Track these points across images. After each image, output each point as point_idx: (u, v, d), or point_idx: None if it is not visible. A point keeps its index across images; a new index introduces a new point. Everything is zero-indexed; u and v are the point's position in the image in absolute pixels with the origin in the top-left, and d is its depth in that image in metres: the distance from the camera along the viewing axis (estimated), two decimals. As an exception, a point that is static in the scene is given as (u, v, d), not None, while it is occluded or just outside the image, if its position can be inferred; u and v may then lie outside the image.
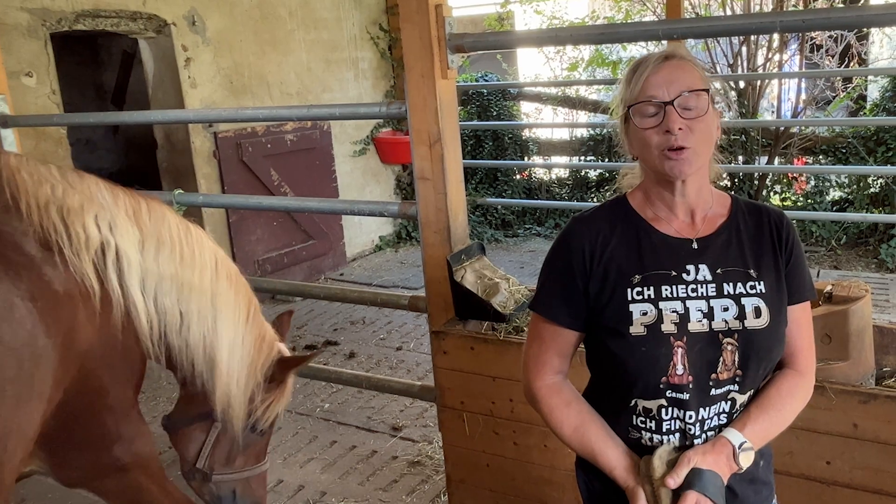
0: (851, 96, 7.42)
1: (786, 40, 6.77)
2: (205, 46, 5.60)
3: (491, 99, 7.91)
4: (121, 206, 1.74)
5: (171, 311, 1.81)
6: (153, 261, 1.75)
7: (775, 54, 6.75)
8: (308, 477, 3.38)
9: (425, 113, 2.42)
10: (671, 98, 1.31)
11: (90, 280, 1.64)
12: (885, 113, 6.06)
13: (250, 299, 2.05)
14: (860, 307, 2.06)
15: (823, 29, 6.22)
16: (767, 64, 6.76)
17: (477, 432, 2.49)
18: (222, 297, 1.89)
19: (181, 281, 1.80)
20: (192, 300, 1.83)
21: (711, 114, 1.35)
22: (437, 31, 2.35)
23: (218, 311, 1.88)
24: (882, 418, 1.83)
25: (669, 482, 1.28)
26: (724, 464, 1.31)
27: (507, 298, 2.54)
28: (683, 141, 1.31)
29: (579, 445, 1.41)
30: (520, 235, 7.60)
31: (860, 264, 5.95)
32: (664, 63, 1.34)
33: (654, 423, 1.36)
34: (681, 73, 1.33)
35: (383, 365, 4.60)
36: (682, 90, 1.31)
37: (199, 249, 1.86)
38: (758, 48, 6.74)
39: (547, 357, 1.46)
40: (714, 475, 1.29)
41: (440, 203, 2.50)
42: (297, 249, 6.38)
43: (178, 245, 1.81)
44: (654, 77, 1.33)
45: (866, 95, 7.75)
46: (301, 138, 6.36)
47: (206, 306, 1.86)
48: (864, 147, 6.18)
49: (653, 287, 1.35)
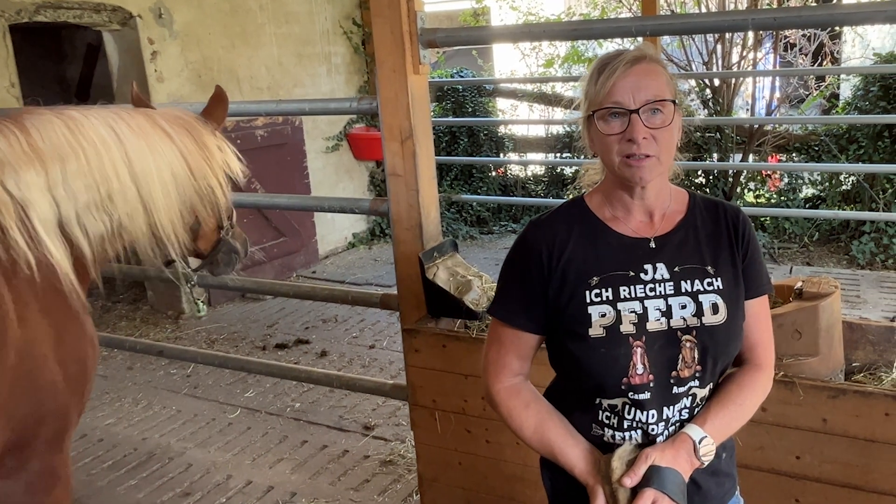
0: (824, 95, 7.56)
1: (760, 39, 6.87)
2: (172, 40, 5.53)
3: (466, 95, 7.91)
4: (14, 146, 1.60)
5: (102, 223, 1.72)
6: (63, 191, 1.64)
7: (750, 52, 6.85)
8: (278, 477, 3.36)
9: (397, 108, 2.41)
10: (637, 106, 1.30)
11: (23, 252, 1.54)
12: (856, 111, 6.17)
13: (168, 135, 1.88)
14: (830, 303, 2.09)
15: (795, 27, 6.32)
16: (742, 62, 6.86)
17: (449, 430, 2.50)
18: (141, 174, 1.76)
19: (97, 190, 1.69)
20: (116, 199, 1.73)
21: (675, 121, 1.35)
22: (409, 25, 2.35)
23: (141, 188, 1.76)
24: (851, 413, 1.86)
25: (626, 481, 1.29)
26: (685, 460, 1.32)
27: (480, 296, 2.54)
28: (647, 149, 1.31)
29: (540, 445, 1.42)
30: (495, 232, 7.62)
31: (832, 261, 6.06)
32: (633, 67, 1.33)
33: (617, 420, 1.37)
34: (648, 80, 1.32)
35: (355, 363, 4.59)
36: (648, 98, 1.31)
37: (97, 138, 1.71)
38: (732, 46, 6.83)
39: (506, 360, 1.47)
40: (673, 472, 1.30)
41: (412, 200, 2.49)
42: (268, 247, 6.33)
43: (79, 152, 1.67)
44: (622, 82, 1.32)
45: (839, 94, 7.90)
46: (272, 134, 6.31)
47: (132, 195, 1.74)
48: (836, 145, 6.29)
49: (611, 288, 1.36)
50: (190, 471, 3.47)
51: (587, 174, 1.55)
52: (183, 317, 5.58)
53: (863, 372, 2.19)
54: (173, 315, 5.62)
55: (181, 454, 3.62)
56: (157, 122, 1.87)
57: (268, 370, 3.37)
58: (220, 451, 3.64)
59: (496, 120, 8.17)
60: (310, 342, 4.95)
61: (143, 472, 3.48)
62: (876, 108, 5.93)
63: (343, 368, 4.50)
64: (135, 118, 1.83)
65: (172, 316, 5.61)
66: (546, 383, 1.55)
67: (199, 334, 5.23)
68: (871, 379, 2.15)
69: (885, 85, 5.90)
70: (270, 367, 3.38)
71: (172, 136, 1.88)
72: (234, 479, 3.38)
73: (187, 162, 1.91)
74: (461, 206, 7.85)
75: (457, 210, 7.84)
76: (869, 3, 3.30)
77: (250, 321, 5.44)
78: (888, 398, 1.82)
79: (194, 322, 5.48)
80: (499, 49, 10.04)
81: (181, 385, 4.43)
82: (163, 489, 3.32)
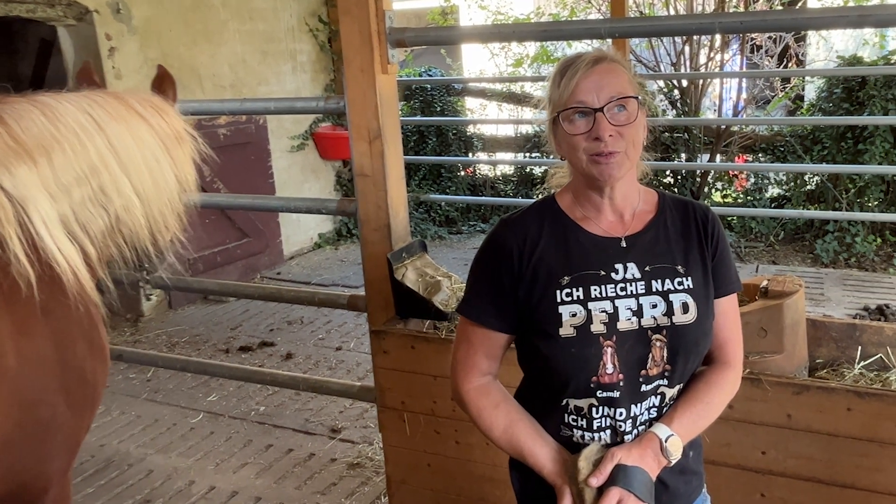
0: (789, 96, 7.75)
1: (727, 41, 7.02)
2: (131, 36, 5.44)
3: (435, 94, 7.93)
4: None
5: (100, 218, 1.58)
6: (56, 186, 1.49)
7: (717, 54, 6.99)
8: (242, 482, 3.34)
9: (364, 108, 2.42)
10: (601, 105, 1.33)
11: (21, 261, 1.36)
12: (820, 113, 6.33)
13: (146, 119, 1.77)
14: (794, 301, 2.15)
15: (760, 31, 6.47)
16: (709, 63, 6.99)
17: (418, 432, 2.50)
18: (129, 163, 1.63)
19: (89, 183, 1.55)
20: (109, 192, 1.59)
21: (640, 118, 1.37)
22: (377, 24, 2.35)
23: (132, 178, 1.64)
24: (814, 408, 1.91)
25: (592, 481, 1.31)
26: (652, 459, 1.34)
27: (449, 296, 2.55)
28: (613, 146, 1.33)
29: (509, 446, 1.43)
30: (464, 232, 7.65)
31: (797, 259, 6.21)
32: (594, 67, 1.35)
33: (586, 421, 1.39)
34: (610, 78, 1.34)
35: (322, 366, 4.57)
36: (612, 96, 1.33)
37: (76, 126, 1.56)
38: (700, 48, 6.96)
39: (475, 359, 1.47)
40: (640, 471, 1.31)
41: (380, 200, 2.50)
42: (232, 248, 6.27)
43: (62, 142, 1.52)
44: (585, 82, 1.34)
45: (803, 96, 8.10)
46: (235, 133, 6.25)
47: (124, 186, 1.62)
48: (801, 146, 6.45)
49: (581, 288, 1.37)
50: (150, 477, 3.42)
51: (555, 177, 1.57)
52: (142, 319, 5.49)
53: (826, 368, 2.26)
54: (132, 318, 5.53)
55: (141, 460, 3.57)
56: (130, 104, 1.75)
57: (231, 373, 3.33)
58: (181, 456, 3.60)
59: (465, 119, 8.20)
60: (275, 344, 4.92)
61: (101, 479, 3.42)
62: (839, 110, 6.09)
63: (309, 371, 4.48)
64: (109, 102, 1.70)
65: (131, 319, 5.52)
66: (514, 383, 1.56)
67: (160, 337, 5.16)
68: (833, 375, 2.22)
69: (848, 87, 6.07)
70: (234, 371, 3.35)
71: (149, 119, 1.77)
72: (196, 484, 3.34)
73: (166, 147, 1.83)
74: (430, 206, 7.86)
75: (425, 210, 7.85)
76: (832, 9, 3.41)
77: (213, 323, 5.38)
78: (850, 394, 1.88)
79: (154, 325, 5.40)
80: (468, 48, 10.07)
81: (140, 390, 4.36)
82: (122, 496, 3.27)
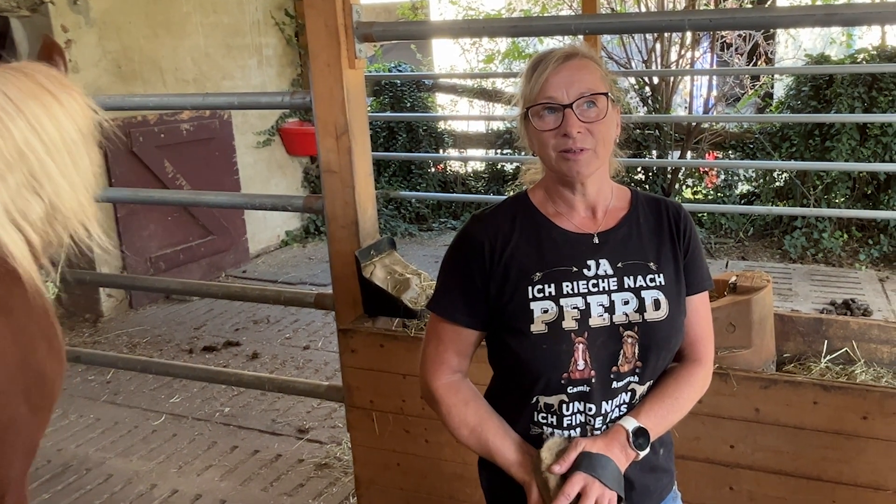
0: (759, 94, 7.90)
1: (698, 38, 7.13)
2: (88, 28, 5.34)
3: (405, 90, 7.92)
4: None
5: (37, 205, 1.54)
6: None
7: (688, 51, 7.10)
8: (206, 485, 3.30)
9: (331, 103, 2.40)
10: (570, 101, 1.33)
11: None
12: (789, 110, 6.46)
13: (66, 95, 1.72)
14: (762, 297, 2.20)
15: (729, 28, 6.59)
16: (680, 61, 7.09)
17: (387, 431, 2.50)
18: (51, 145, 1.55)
19: (20, 169, 1.48)
20: (40, 177, 1.53)
21: (611, 114, 1.37)
22: (344, 18, 2.34)
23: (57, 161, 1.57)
24: (782, 402, 1.96)
25: (555, 468, 1.32)
26: (619, 449, 1.35)
27: (419, 294, 2.55)
28: (582, 143, 1.33)
29: (477, 445, 1.43)
30: (434, 229, 7.66)
31: (766, 255, 6.34)
32: (565, 63, 1.35)
33: (556, 418, 1.39)
34: (581, 74, 1.35)
35: (289, 365, 4.54)
36: (582, 92, 1.33)
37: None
38: (671, 45, 7.06)
39: (445, 356, 1.47)
40: (604, 458, 1.32)
41: (348, 197, 2.49)
42: (195, 246, 6.20)
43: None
44: (555, 77, 1.34)
45: (772, 93, 8.26)
46: (198, 128, 6.17)
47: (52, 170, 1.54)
48: (769, 143, 6.58)
49: (553, 284, 1.38)
50: (110, 482, 3.37)
51: (528, 173, 1.57)
52: (102, 320, 5.40)
53: (793, 362, 2.31)
54: (91, 318, 5.44)
55: (100, 464, 3.51)
56: (38, 81, 1.61)
57: (194, 374, 3.30)
58: (143, 459, 3.55)
59: (435, 115, 8.20)
60: (240, 344, 4.87)
61: (58, 484, 3.36)
62: (807, 108, 6.22)
63: (276, 371, 4.45)
64: (18, 78, 1.57)
65: (90, 319, 5.43)
66: (483, 380, 1.57)
67: (120, 338, 5.08)
68: (800, 369, 2.27)
69: (815, 85, 6.20)
70: (197, 371, 3.31)
71: (58, 96, 1.70)
72: (158, 488, 3.30)
73: (78, 126, 1.75)
74: (399, 203, 7.85)
75: (395, 207, 7.84)
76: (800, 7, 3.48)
77: (175, 323, 5.31)
78: (816, 387, 1.92)
79: (114, 325, 5.31)
80: (438, 43, 10.08)
81: (100, 392, 4.29)
82: (80, 502, 3.21)
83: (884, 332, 2.29)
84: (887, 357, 2.27)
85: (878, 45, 6.29)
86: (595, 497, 1.29)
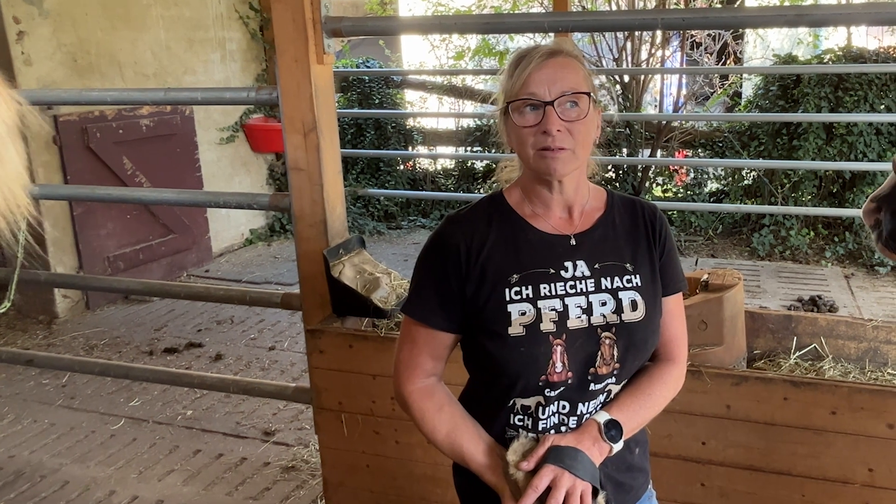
0: (728, 93, 8.05)
1: (668, 37, 7.23)
2: (42, 19, 5.22)
3: (373, 86, 7.89)
4: None
5: None
6: None
7: (658, 50, 7.19)
8: (168, 490, 3.25)
9: (299, 100, 2.39)
10: (552, 98, 1.33)
11: None
12: (757, 109, 6.59)
13: None
14: (733, 294, 2.24)
15: (701, 28, 6.72)
16: (651, 59, 7.19)
17: (356, 433, 2.49)
18: None
19: None
20: None
21: (592, 115, 1.38)
22: (312, 13, 2.33)
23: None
24: (752, 398, 2.00)
25: (523, 465, 1.32)
26: (590, 442, 1.36)
27: (389, 293, 2.55)
28: (561, 142, 1.33)
29: (451, 450, 1.43)
30: (403, 227, 7.65)
31: (735, 252, 6.47)
32: (549, 59, 1.35)
33: (532, 420, 1.40)
34: (565, 73, 1.35)
35: (254, 366, 4.50)
36: (564, 91, 1.33)
37: None
38: (642, 44, 7.16)
39: (420, 360, 1.46)
40: (574, 450, 1.33)
41: (316, 195, 2.47)
42: (156, 245, 6.11)
43: None
44: (537, 74, 1.34)
45: (741, 93, 8.42)
46: (159, 124, 6.08)
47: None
48: (738, 141, 6.70)
49: (531, 286, 1.38)
50: (66, 489, 3.30)
51: (504, 170, 1.57)
52: (57, 321, 5.29)
53: (763, 359, 2.36)
54: (45, 320, 5.32)
55: (56, 471, 3.44)
56: None
57: (155, 377, 3.25)
58: (101, 465, 3.48)
59: (404, 112, 8.19)
60: (203, 345, 4.81)
61: (10, 492, 3.28)
62: (775, 107, 6.36)
63: (240, 372, 4.40)
64: None
65: (44, 321, 5.31)
66: (458, 381, 1.57)
67: (76, 340, 4.98)
68: (770, 365, 2.32)
69: (783, 85, 6.33)
70: (157, 374, 3.27)
71: None
72: (117, 494, 3.24)
73: (2, 118, 1.71)
74: (368, 201, 7.83)
75: (363, 205, 7.81)
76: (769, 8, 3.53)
77: (135, 325, 5.22)
78: (786, 383, 1.96)
79: (70, 327, 5.21)
80: (407, 39, 10.06)
81: (55, 396, 4.20)
82: (35, 511, 3.15)
83: (851, 329, 2.34)
84: (854, 353, 2.33)
85: (843, 46, 6.45)
86: (566, 488, 1.29)
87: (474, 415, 1.45)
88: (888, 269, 5.71)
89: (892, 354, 2.32)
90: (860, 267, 5.90)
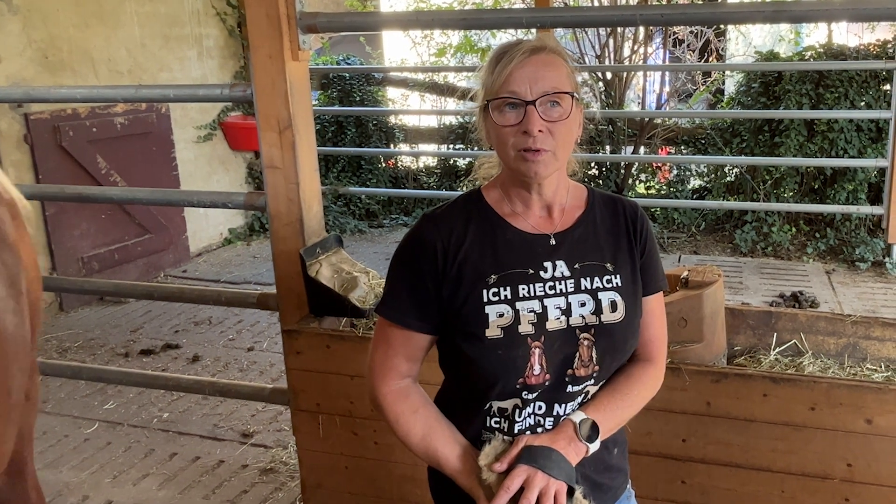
0: (710, 90, 8.11)
1: (650, 34, 7.27)
2: (11, 15, 5.15)
3: (354, 83, 7.87)
4: None
5: None
6: None
7: (641, 47, 7.23)
8: (143, 495, 3.22)
9: (274, 97, 2.37)
10: (534, 98, 1.29)
11: None
12: (739, 106, 6.65)
13: None
14: (713, 291, 2.25)
15: (681, 24, 6.76)
16: (633, 56, 7.22)
17: (334, 434, 2.48)
18: None
19: None
20: None
21: (574, 114, 1.34)
22: (287, 8, 2.31)
23: None
24: (732, 395, 2.01)
25: (496, 466, 1.30)
26: (565, 442, 1.34)
27: (367, 292, 2.54)
28: (542, 143, 1.30)
29: (425, 454, 1.41)
30: (385, 226, 7.63)
31: (717, 249, 6.52)
32: (531, 56, 1.31)
33: (508, 423, 1.38)
34: (547, 71, 1.31)
35: (232, 368, 4.46)
36: (546, 90, 1.30)
37: None
38: (624, 41, 7.19)
39: (395, 362, 1.44)
40: (548, 449, 1.31)
41: (292, 194, 2.46)
42: (131, 245, 6.05)
43: None
44: (519, 71, 1.30)
45: (724, 89, 8.48)
46: (134, 122, 6.02)
47: None
48: (721, 138, 6.75)
49: (509, 287, 1.35)
50: (40, 495, 3.26)
51: (483, 167, 1.55)
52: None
53: (744, 355, 2.38)
54: (19, 323, 5.25)
55: (29, 477, 3.39)
56: None
57: (130, 379, 3.22)
58: (74, 470, 3.44)
59: (385, 110, 8.17)
60: (180, 347, 4.77)
61: (-16, 499, 3.23)
62: (757, 104, 6.41)
63: (218, 374, 4.37)
64: None
65: (18, 324, 5.24)
66: (433, 380, 1.56)
67: (49, 342, 4.91)
68: (750, 362, 2.33)
69: (765, 82, 6.39)
70: (132, 376, 3.23)
71: None
72: (91, 499, 3.20)
73: None
74: (349, 199, 7.80)
75: (344, 203, 7.78)
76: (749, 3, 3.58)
77: (110, 326, 5.17)
78: (766, 380, 1.98)
79: (43, 329, 5.14)
80: (388, 36, 10.05)
81: (29, 400, 4.14)
82: (7, 517, 3.10)
83: (830, 324, 2.37)
84: (834, 348, 2.35)
85: (824, 44, 6.51)
86: (539, 488, 1.27)
87: (450, 417, 1.44)
88: (868, 265, 5.78)
89: (871, 350, 2.35)
90: (841, 263, 5.96)
